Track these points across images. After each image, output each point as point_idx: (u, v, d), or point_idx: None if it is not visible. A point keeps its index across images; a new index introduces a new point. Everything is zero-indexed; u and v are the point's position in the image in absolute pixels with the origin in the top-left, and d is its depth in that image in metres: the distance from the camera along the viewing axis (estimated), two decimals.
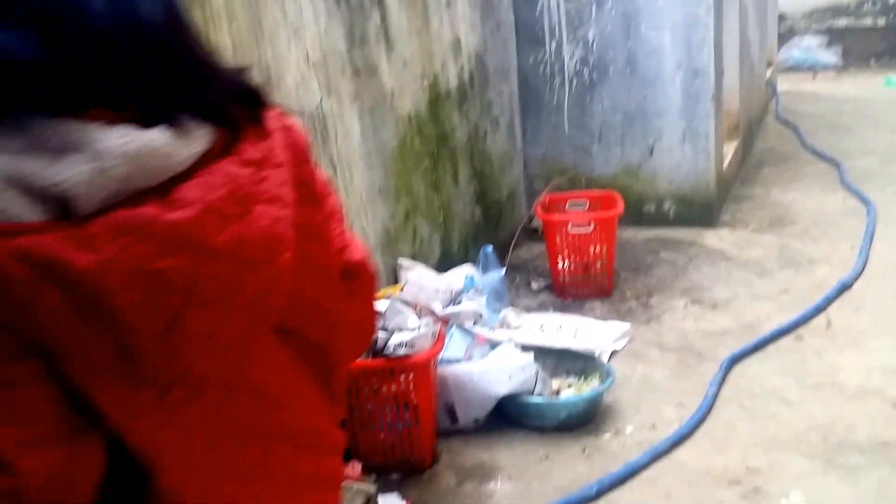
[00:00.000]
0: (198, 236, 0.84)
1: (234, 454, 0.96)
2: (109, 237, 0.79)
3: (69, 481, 0.84)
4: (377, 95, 3.57)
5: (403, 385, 2.88)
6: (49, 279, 0.77)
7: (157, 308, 0.82)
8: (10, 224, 0.76)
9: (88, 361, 0.82)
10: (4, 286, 0.76)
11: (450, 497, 2.89)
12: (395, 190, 3.72)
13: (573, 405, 3.23)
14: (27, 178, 0.77)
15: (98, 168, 0.79)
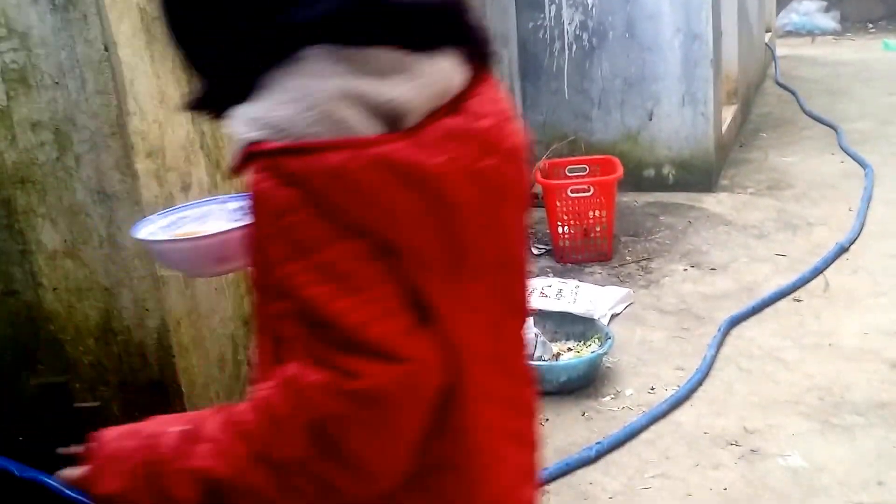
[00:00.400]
0: (498, 141, 0.97)
1: (496, 333, 1.02)
2: (442, 142, 0.90)
3: (443, 364, 0.91)
4: None
5: None
6: (403, 181, 0.87)
7: (484, 203, 0.94)
8: (364, 137, 0.86)
9: (425, 258, 0.90)
10: (363, 192, 0.85)
11: None
12: None
13: (573, 368, 3.23)
14: (363, 95, 0.87)
15: (419, 85, 0.90)
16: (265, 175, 0.86)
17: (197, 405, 2.38)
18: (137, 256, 2.21)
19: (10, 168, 2.23)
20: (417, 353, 0.87)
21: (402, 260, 0.88)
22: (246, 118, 0.89)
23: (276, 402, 0.87)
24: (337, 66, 0.88)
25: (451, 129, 0.92)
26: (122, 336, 2.31)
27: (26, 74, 2.14)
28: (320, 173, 0.85)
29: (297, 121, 0.86)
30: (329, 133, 0.86)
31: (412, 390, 0.87)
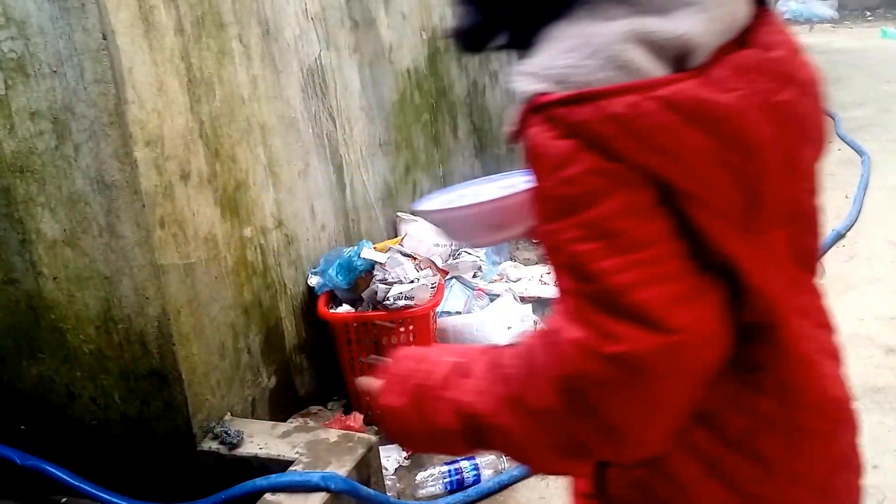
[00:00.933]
0: (792, 73, 0.90)
1: (796, 287, 0.97)
2: (735, 77, 0.83)
3: (716, 336, 0.85)
4: (376, 48, 3.48)
5: (404, 336, 2.85)
6: (694, 122, 0.81)
7: (782, 142, 0.86)
8: (650, 79, 0.81)
9: (716, 207, 0.83)
10: (652, 137, 0.80)
11: None
12: (394, 144, 3.65)
13: None
14: (650, 34, 0.82)
15: (707, 18, 0.84)
16: (545, 127, 0.83)
17: (197, 394, 2.36)
18: (137, 245, 2.18)
19: (10, 157, 2.20)
20: (687, 324, 0.81)
21: (694, 210, 0.83)
22: (527, 72, 0.85)
23: (535, 352, 0.87)
24: (620, 8, 0.84)
25: (743, 62, 0.85)
26: (122, 325, 2.28)
27: (24, 63, 2.11)
28: (604, 121, 0.80)
29: (580, 68, 0.82)
30: (613, 78, 0.81)
31: (675, 363, 0.81)
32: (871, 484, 2.42)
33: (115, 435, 2.43)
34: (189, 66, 2.33)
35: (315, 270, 2.93)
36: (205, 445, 2.37)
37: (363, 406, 2.93)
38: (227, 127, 2.49)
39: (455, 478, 2.63)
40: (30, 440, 2.50)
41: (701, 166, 0.82)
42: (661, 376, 0.81)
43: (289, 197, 2.82)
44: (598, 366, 0.81)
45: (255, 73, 2.64)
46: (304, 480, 2.16)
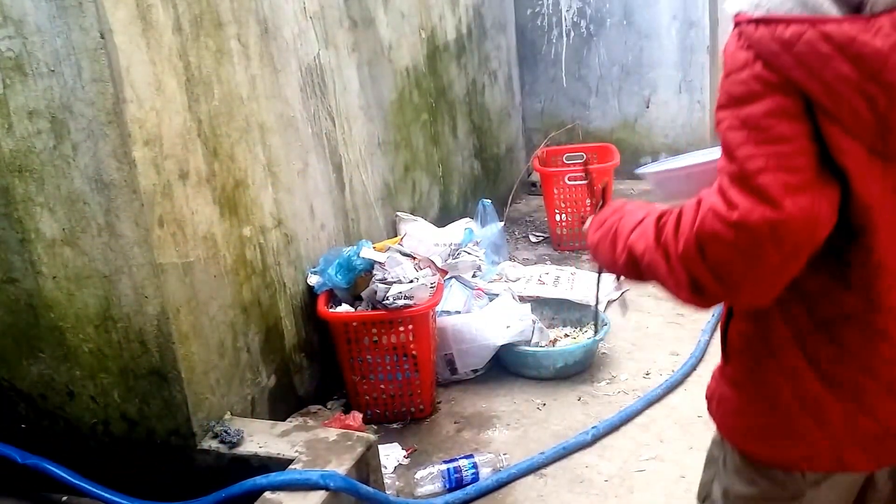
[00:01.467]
0: None
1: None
2: (891, 28, 1.05)
3: (816, 224, 1.09)
4: (375, 47, 3.49)
5: (403, 335, 2.85)
6: (844, 54, 1.05)
7: None
8: (822, 16, 1.06)
9: (847, 124, 1.08)
10: (807, 58, 1.06)
11: (449, 444, 2.88)
12: (394, 143, 3.65)
13: (569, 354, 3.22)
14: None
15: None
16: (736, 38, 1.13)
17: (197, 392, 2.36)
18: (136, 244, 2.18)
19: (8, 156, 2.20)
20: (796, 208, 1.07)
21: (827, 124, 1.08)
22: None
23: (686, 212, 1.17)
24: None
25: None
26: (121, 323, 2.28)
27: (22, 62, 2.11)
28: (774, 41, 1.08)
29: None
30: (793, 10, 1.08)
31: (779, 236, 1.08)
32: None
33: (115, 433, 2.43)
34: (187, 65, 2.33)
35: (314, 270, 2.94)
36: (205, 444, 2.37)
37: (362, 405, 2.94)
38: (225, 126, 2.49)
39: (454, 476, 2.63)
40: (30, 439, 2.50)
41: (842, 90, 1.06)
42: (767, 244, 1.09)
43: (288, 196, 2.82)
44: (723, 228, 1.10)
45: (253, 73, 2.64)
46: (303, 479, 2.16)
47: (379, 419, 2.97)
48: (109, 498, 2.35)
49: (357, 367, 2.91)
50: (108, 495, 2.35)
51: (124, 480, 2.40)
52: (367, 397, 2.95)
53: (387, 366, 2.90)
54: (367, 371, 2.91)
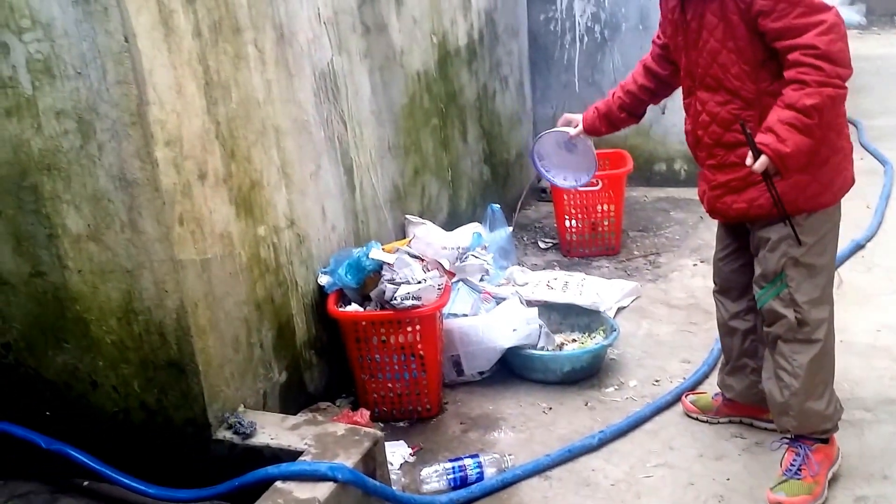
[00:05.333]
0: None
1: None
2: None
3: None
4: (387, 53, 3.71)
5: (411, 336, 3.06)
6: None
7: None
8: None
9: None
10: None
11: (454, 444, 3.06)
12: (404, 147, 3.87)
13: (577, 359, 3.39)
14: None
15: None
16: None
17: (213, 385, 2.58)
18: (157, 240, 2.40)
19: (37, 155, 2.43)
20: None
21: None
22: None
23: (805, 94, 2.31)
24: None
25: None
26: (142, 316, 2.50)
27: (50, 65, 2.32)
28: None
29: None
30: None
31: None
32: (881, 494, 2.60)
33: (135, 422, 2.65)
34: (206, 69, 2.55)
35: (325, 270, 3.16)
36: (219, 434, 2.59)
37: (370, 403, 3.15)
38: (242, 129, 2.71)
39: (459, 475, 2.79)
40: (54, 426, 2.72)
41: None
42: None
43: (301, 197, 3.04)
44: (828, 95, 2.28)
45: (269, 77, 2.86)
46: (312, 470, 2.35)
47: (386, 417, 3.18)
48: (129, 483, 2.56)
49: (365, 366, 3.13)
50: (128, 481, 2.57)
51: (142, 467, 2.62)
52: (375, 395, 3.17)
53: (394, 365, 3.11)
54: (376, 370, 3.13)
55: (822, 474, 2.62)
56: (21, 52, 2.34)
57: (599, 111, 3.03)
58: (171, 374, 2.54)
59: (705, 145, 2.58)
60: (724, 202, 2.61)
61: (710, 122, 2.53)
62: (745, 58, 2.40)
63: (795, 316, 2.56)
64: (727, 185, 2.57)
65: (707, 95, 2.50)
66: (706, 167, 2.64)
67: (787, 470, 2.62)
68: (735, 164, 2.50)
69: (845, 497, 2.63)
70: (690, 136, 2.66)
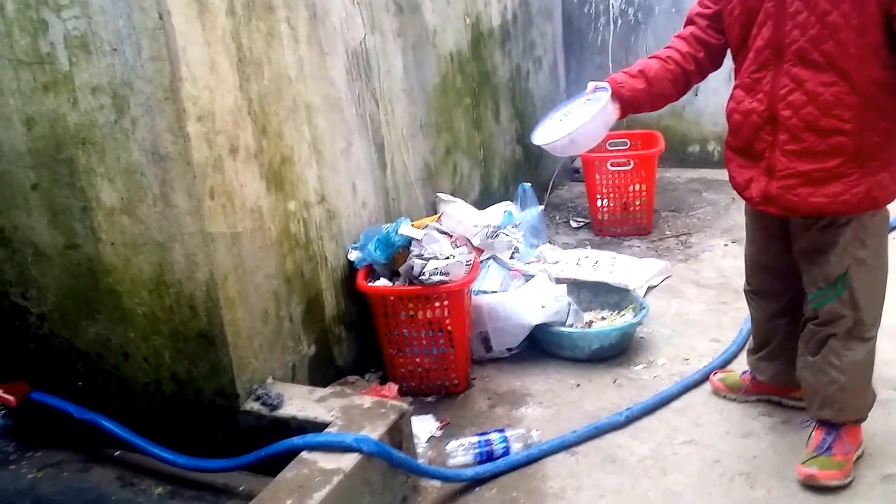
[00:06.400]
0: None
1: None
2: None
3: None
4: (420, 32, 3.67)
5: (438, 311, 3.04)
6: None
7: None
8: None
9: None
10: None
11: (482, 419, 3.04)
12: (436, 126, 3.83)
13: (605, 336, 3.34)
14: None
15: None
16: None
17: (242, 357, 2.57)
18: (188, 214, 2.40)
19: (73, 129, 2.43)
20: None
21: None
22: None
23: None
24: None
25: None
26: (173, 289, 2.50)
27: (87, 41, 2.32)
28: None
29: None
30: None
31: None
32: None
33: (166, 393, 2.65)
34: (239, 46, 2.53)
35: (355, 245, 3.14)
36: (247, 406, 2.58)
37: (398, 378, 3.13)
38: (274, 105, 2.70)
39: (485, 449, 2.76)
40: (86, 396, 2.74)
41: None
42: None
43: (331, 174, 3.02)
44: None
45: (301, 55, 2.84)
46: (338, 441, 2.34)
47: (414, 392, 3.16)
48: (159, 453, 2.57)
49: (394, 341, 3.11)
50: (158, 450, 2.58)
51: (171, 437, 2.63)
52: (402, 370, 3.15)
53: (422, 340, 3.09)
54: (404, 344, 3.10)
55: (852, 454, 2.56)
56: (59, 28, 2.34)
57: (647, 75, 2.57)
58: (201, 345, 2.54)
59: (790, 127, 2.26)
60: (798, 194, 2.30)
61: (806, 103, 2.22)
62: (866, 39, 2.13)
63: (855, 317, 2.42)
64: (808, 175, 2.27)
65: (808, 73, 2.20)
66: (780, 152, 2.30)
67: (818, 447, 2.55)
68: (825, 153, 2.24)
69: (873, 476, 2.56)
70: (757, 115, 2.32)
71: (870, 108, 2.19)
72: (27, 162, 2.53)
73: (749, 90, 2.32)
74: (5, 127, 2.51)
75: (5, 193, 2.60)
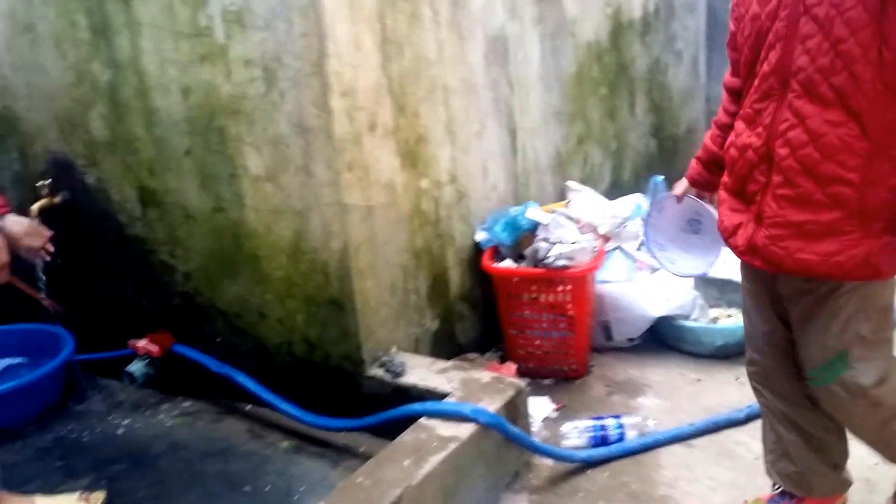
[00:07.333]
0: None
1: None
2: None
3: None
4: (559, 21, 3.68)
5: (561, 295, 3.06)
6: None
7: None
8: None
9: None
10: None
11: (598, 405, 3.04)
12: (569, 114, 3.84)
13: (731, 333, 3.27)
14: None
15: None
16: None
17: (369, 325, 2.67)
18: (327, 184, 2.50)
19: (225, 100, 2.58)
20: None
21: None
22: None
23: None
24: None
25: None
26: (309, 255, 2.62)
27: (242, 16, 2.46)
28: None
29: None
30: None
31: None
32: None
33: (297, 354, 2.79)
34: (383, 26, 2.61)
35: (483, 227, 3.19)
36: (371, 372, 2.68)
37: (517, 359, 3.17)
38: (412, 85, 2.77)
39: (599, 433, 2.76)
40: (223, 351, 2.92)
41: None
42: None
43: (464, 155, 3.08)
44: None
45: (441, 38, 2.90)
46: (455, 410, 2.41)
47: (532, 374, 3.19)
48: (287, 409, 2.71)
49: (515, 322, 3.15)
50: (287, 407, 2.72)
51: (298, 396, 2.76)
52: (522, 352, 3.18)
53: (543, 323, 3.11)
54: (524, 326, 3.14)
55: None
56: (217, 4, 2.49)
57: (700, 158, 2.33)
58: (332, 311, 2.65)
59: (785, 168, 1.85)
60: (785, 247, 1.88)
61: (806, 143, 1.82)
62: (885, 76, 1.73)
63: (860, 399, 2.01)
64: (800, 226, 1.86)
65: (813, 108, 1.79)
66: (771, 197, 1.90)
67: None
68: (821, 204, 1.83)
69: None
70: (753, 151, 1.91)
71: (882, 157, 1.79)
72: (182, 129, 2.70)
73: (750, 122, 1.95)
74: (164, 95, 2.70)
75: (161, 157, 2.80)
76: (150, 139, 2.81)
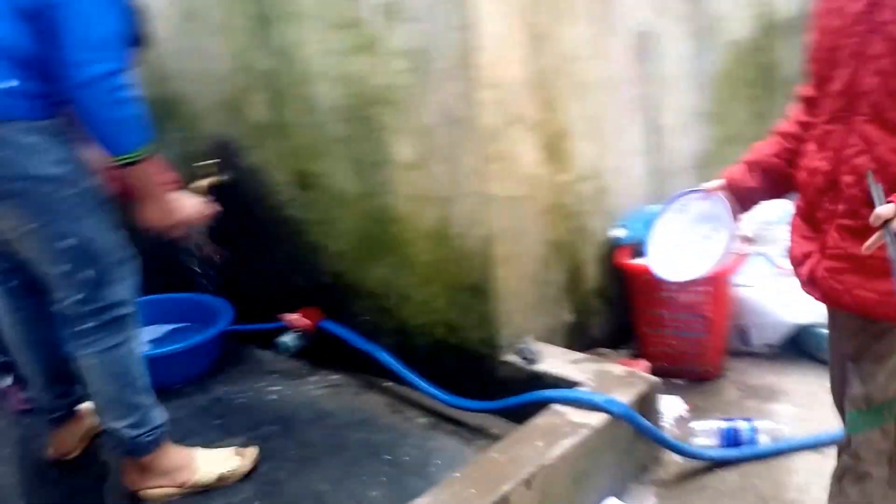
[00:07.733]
0: None
1: None
2: None
3: None
4: (707, 19, 3.64)
5: (698, 296, 3.03)
6: None
7: None
8: None
9: None
10: None
11: (731, 409, 3.00)
12: (714, 115, 3.79)
13: None
14: None
15: None
16: None
17: (507, 312, 2.74)
18: (472, 174, 2.59)
19: (377, 89, 2.70)
20: None
21: None
22: None
23: None
24: None
25: None
26: (453, 241, 2.71)
27: (396, 10, 2.56)
28: None
29: None
30: None
31: None
32: None
33: (436, 336, 2.89)
34: (531, 21, 2.66)
35: (621, 223, 3.20)
36: (507, 357, 2.75)
37: (650, 357, 3.16)
38: (556, 80, 2.82)
39: (731, 435, 2.72)
40: (366, 329, 3.05)
41: None
42: None
43: (605, 151, 3.11)
44: None
45: (587, 33, 2.93)
46: (588, 399, 2.45)
47: (664, 373, 3.13)
48: (427, 388, 2.82)
49: (649, 320, 3.15)
50: (427, 385, 2.83)
51: (435, 377, 2.86)
52: (655, 350, 3.17)
53: (678, 323, 3.10)
54: (659, 325, 3.13)
55: None
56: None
57: (747, 160, 2.11)
58: (472, 296, 2.73)
59: (849, 198, 1.69)
60: (843, 281, 1.73)
61: (873, 171, 1.65)
62: None
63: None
64: (860, 261, 1.66)
65: (881, 135, 1.63)
66: (834, 227, 1.72)
67: None
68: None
69: None
70: (822, 175, 1.74)
71: None
72: (337, 116, 2.85)
73: (820, 145, 1.78)
74: (321, 83, 2.85)
75: (316, 143, 2.96)
76: (306, 125, 2.98)
